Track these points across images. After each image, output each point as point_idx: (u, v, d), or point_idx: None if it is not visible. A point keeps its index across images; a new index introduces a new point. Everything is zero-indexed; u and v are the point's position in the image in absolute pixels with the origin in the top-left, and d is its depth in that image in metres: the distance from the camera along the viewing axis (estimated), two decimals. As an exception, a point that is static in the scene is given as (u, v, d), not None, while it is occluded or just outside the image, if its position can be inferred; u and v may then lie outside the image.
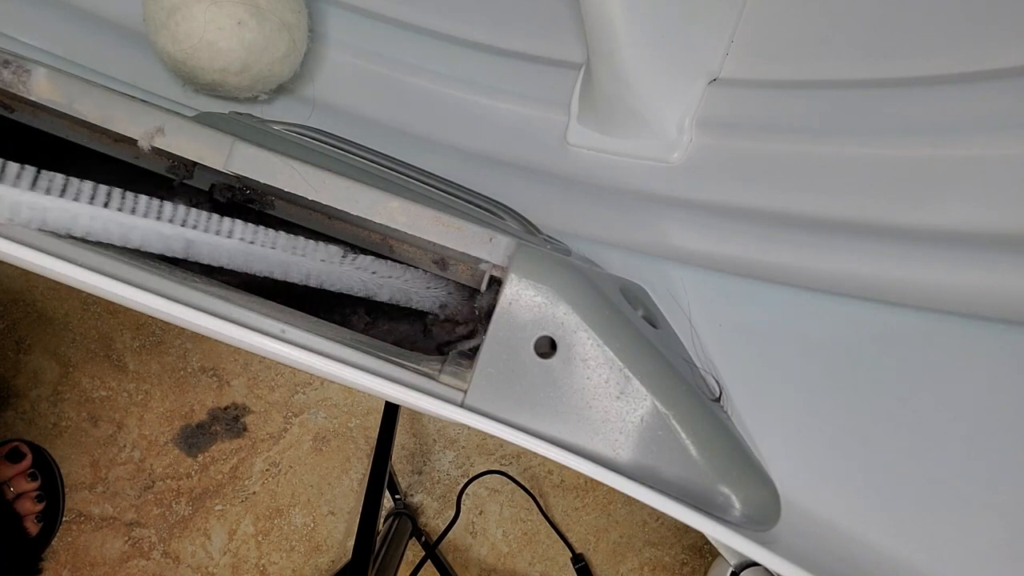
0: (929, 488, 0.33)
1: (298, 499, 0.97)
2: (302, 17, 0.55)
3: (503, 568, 0.95)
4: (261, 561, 0.96)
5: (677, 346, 0.37)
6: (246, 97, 0.58)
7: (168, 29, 0.51)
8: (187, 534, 0.97)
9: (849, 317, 0.37)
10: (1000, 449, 0.32)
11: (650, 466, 0.29)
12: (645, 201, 0.46)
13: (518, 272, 0.29)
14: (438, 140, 0.56)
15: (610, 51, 0.42)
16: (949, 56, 0.36)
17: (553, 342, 0.29)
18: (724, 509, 0.30)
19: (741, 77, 0.44)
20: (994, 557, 0.31)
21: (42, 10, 0.59)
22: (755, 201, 0.41)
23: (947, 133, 0.34)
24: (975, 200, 0.33)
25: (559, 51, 0.53)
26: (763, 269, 0.40)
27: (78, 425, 0.99)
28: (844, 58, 0.40)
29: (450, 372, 0.30)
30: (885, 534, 0.32)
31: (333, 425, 0.98)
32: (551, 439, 0.29)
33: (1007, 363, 0.32)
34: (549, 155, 0.51)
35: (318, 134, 0.43)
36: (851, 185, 0.37)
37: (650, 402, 0.29)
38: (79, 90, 0.31)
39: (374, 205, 0.30)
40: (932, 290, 0.34)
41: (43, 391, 0.99)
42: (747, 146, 0.42)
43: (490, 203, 0.43)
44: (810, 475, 0.34)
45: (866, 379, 0.36)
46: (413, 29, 0.59)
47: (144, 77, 0.58)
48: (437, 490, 0.97)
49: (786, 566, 0.27)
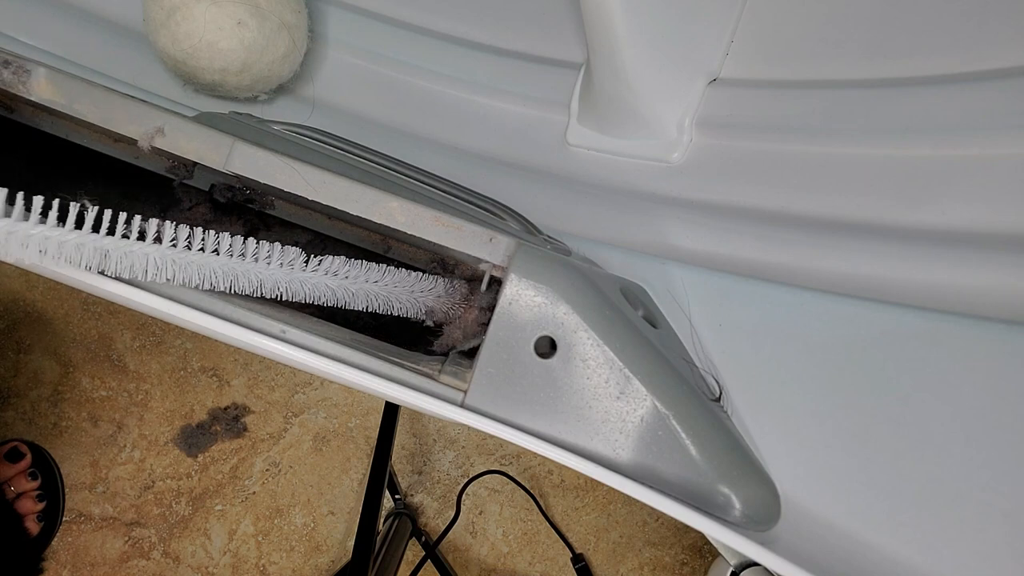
0: (929, 488, 0.33)
1: (298, 499, 0.97)
2: (302, 17, 0.55)
3: (503, 568, 0.95)
4: (261, 561, 0.96)
5: (677, 346, 0.37)
6: (246, 97, 0.58)
7: (168, 29, 0.51)
8: (187, 534, 0.97)
9: (849, 317, 0.37)
10: (1000, 449, 0.32)
11: (650, 466, 0.29)
12: (645, 201, 0.46)
13: (518, 272, 0.29)
14: (438, 140, 0.56)
15: (610, 51, 0.42)
16: (949, 56, 0.36)
17: (553, 342, 0.29)
18: (724, 509, 0.30)
19: (741, 77, 0.44)
20: (994, 557, 0.31)
21: (42, 10, 0.59)
22: (755, 201, 0.41)
23: (947, 133, 0.34)
24: (975, 200, 0.33)
25: (559, 51, 0.53)
26: (763, 269, 0.40)
27: (78, 425, 0.99)
28: (844, 58, 0.40)
29: (450, 372, 0.30)
30: (885, 534, 0.32)
31: (333, 425, 0.98)
32: (551, 439, 0.29)
33: (1007, 363, 0.32)
34: (549, 155, 0.51)
35: (318, 134, 0.43)
36: (851, 185, 0.37)
37: (650, 402, 0.29)
38: (79, 90, 0.31)
39: (374, 205, 0.30)
40: (932, 290, 0.34)
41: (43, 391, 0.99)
42: (747, 146, 0.42)
43: (490, 203, 0.43)
44: (810, 475, 0.34)
45: (866, 379, 0.36)
46: (413, 29, 0.59)
47: (144, 77, 0.58)
48: (437, 490, 0.97)
49: (786, 566, 0.27)
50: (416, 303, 0.32)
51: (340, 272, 0.30)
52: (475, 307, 0.33)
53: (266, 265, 0.28)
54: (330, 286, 0.30)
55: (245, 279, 0.28)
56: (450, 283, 0.34)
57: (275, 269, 0.28)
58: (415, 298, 0.32)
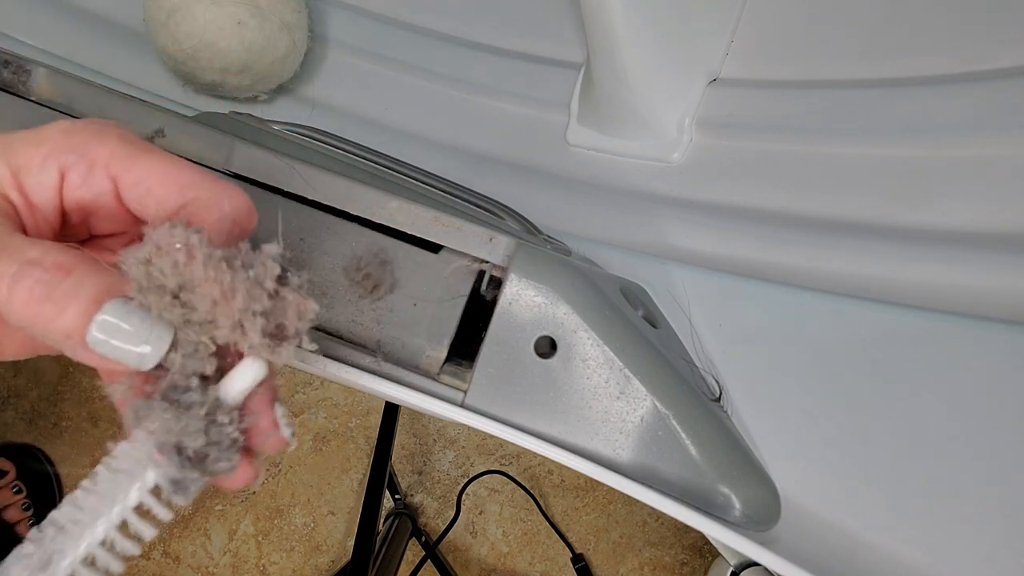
0: (929, 487, 0.33)
1: (298, 499, 0.97)
2: (302, 17, 0.56)
3: (503, 568, 0.95)
4: (261, 561, 0.96)
5: (677, 346, 0.37)
6: (246, 97, 0.58)
7: (168, 29, 0.51)
8: (187, 534, 0.97)
9: (849, 317, 0.37)
10: (1000, 449, 0.32)
11: (650, 466, 0.29)
12: (645, 201, 0.46)
13: (518, 272, 0.29)
14: (438, 140, 0.56)
15: (610, 51, 0.42)
16: (949, 56, 0.36)
17: (553, 342, 0.29)
18: (724, 509, 0.30)
19: (741, 77, 0.44)
20: (994, 557, 0.31)
21: (42, 10, 0.59)
22: (755, 201, 0.41)
23: (947, 133, 0.34)
24: (975, 200, 0.33)
25: (559, 51, 0.53)
26: (763, 269, 0.40)
27: (78, 425, 0.99)
28: (844, 58, 0.40)
29: (450, 372, 0.30)
30: (885, 534, 0.32)
31: (333, 425, 0.98)
32: (551, 439, 0.29)
33: (1007, 363, 0.32)
34: (549, 155, 0.51)
35: (318, 134, 0.43)
36: (851, 185, 0.37)
37: (650, 402, 0.29)
38: (79, 90, 0.31)
39: (374, 205, 0.30)
40: (932, 290, 0.34)
41: (43, 391, 0.99)
42: (747, 146, 0.42)
43: (490, 203, 0.43)
44: (810, 475, 0.34)
45: (866, 379, 0.36)
46: (413, 29, 0.59)
47: (144, 77, 0.58)
48: (437, 490, 0.97)
49: (786, 566, 0.27)
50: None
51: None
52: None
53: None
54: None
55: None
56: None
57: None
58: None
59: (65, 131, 0.20)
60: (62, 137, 0.20)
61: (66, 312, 0.17)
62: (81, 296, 0.17)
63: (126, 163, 0.20)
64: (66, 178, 0.20)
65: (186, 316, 0.19)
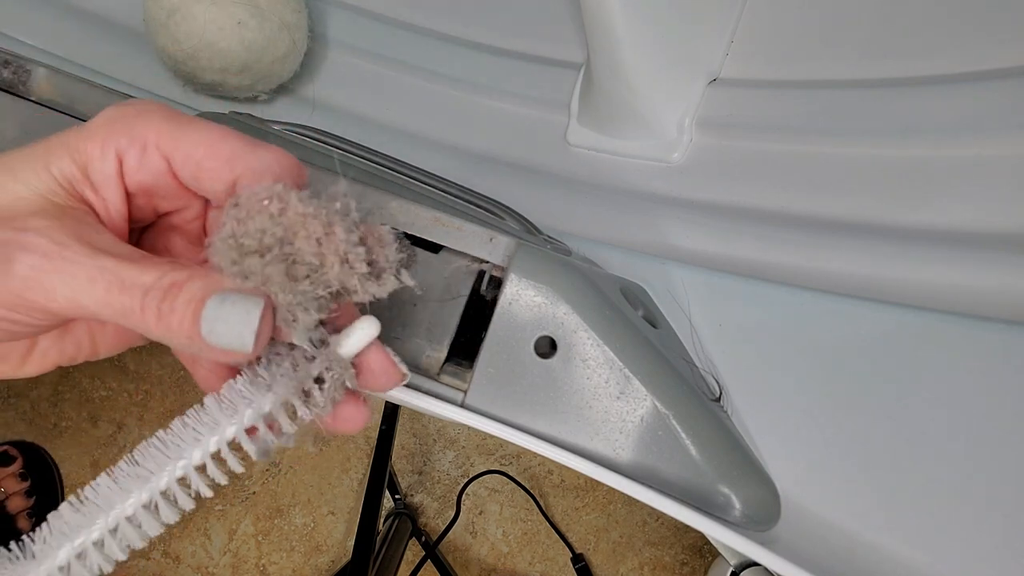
0: (929, 487, 0.33)
1: (298, 499, 0.97)
2: (302, 17, 0.55)
3: (503, 568, 0.95)
4: (261, 561, 0.96)
5: (677, 346, 0.37)
6: (246, 97, 0.58)
7: (168, 29, 0.51)
8: (187, 534, 0.97)
9: (849, 317, 0.38)
10: (1000, 448, 0.32)
11: (650, 466, 0.29)
12: (645, 201, 0.46)
13: (518, 272, 0.29)
14: (438, 140, 0.56)
15: (610, 51, 0.42)
16: (949, 56, 0.36)
17: (553, 342, 0.29)
18: (724, 509, 0.30)
19: (741, 77, 0.44)
20: (994, 557, 0.31)
21: (42, 10, 0.59)
22: (755, 201, 0.41)
23: (947, 133, 0.34)
24: (975, 200, 0.33)
25: (559, 51, 0.53)
26: (763, 269, 0.40)
27: (78, 425, 0.99)
28: (844, 58, 0.40)
29: (450, 372, 0.30)
30: (885, 533, 0.32)
31: (333, 425, 0.98)
32: (551, 439, 0.29)
33: (1007, 363, 0.32)
34: (549, 155, 0.51)
35: (318, 134, 0.43)
36: (851, 185, 0.37)
37: (650, 402, 0.29)
38: (79, 90, 0.31)
39: (373, 205, 0.30)
40: (932, 290, 0.34)
41: (43, 391, 0.99)
42: (747, 146, 0.42)
43: (490, 203, 0.43)
44: (810, 474, 0.34)
45: (866, 378, 0.36)
46: (413, 29, 0.59)
47: (144, 77, 0.58)
48: (437, 490, 0.97)
49: (786, 566, 0.27)
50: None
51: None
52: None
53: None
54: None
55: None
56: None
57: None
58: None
59: (111, 118, 0.20)
60: (110, 124, 0.20)
61: (184, 321, 0.19)
62: (192, 302, 0.19)
63: (174, 141, 0.20)
64: (124, 163, 0.20)
65: (291, 271, 0.19)
